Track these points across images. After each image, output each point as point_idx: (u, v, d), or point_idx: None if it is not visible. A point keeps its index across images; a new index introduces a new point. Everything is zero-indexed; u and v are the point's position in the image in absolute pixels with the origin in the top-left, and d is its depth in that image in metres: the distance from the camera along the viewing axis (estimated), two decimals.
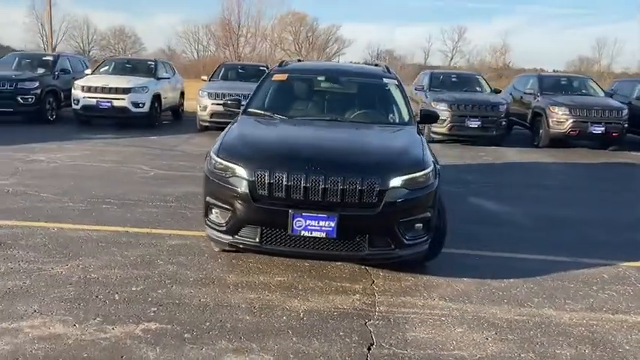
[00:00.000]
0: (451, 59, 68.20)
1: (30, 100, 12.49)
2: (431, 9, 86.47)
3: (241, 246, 3.84)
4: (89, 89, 12.26)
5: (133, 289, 3.76)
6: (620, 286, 4.32)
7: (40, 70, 13.49)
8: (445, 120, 12.03)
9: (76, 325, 3.22)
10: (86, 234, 4.84)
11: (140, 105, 12.38)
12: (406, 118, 4.93)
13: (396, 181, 3.72)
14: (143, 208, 5.76)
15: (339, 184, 3.62)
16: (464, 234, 5.32)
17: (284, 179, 3.64)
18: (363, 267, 4.35)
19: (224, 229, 3.87)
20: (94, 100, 12.22)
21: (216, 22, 61.63)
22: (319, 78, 5.41)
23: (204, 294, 3.73)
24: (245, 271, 4.16)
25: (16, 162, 7.99)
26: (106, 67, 14.34)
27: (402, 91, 5.17)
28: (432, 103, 12.36)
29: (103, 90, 12.20)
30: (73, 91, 12.52)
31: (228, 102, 5.16)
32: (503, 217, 6.31)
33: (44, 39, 61.52)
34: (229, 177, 3.80)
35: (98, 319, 3.31)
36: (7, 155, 8.49)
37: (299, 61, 6.21)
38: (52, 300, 3.52)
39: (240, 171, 3.75)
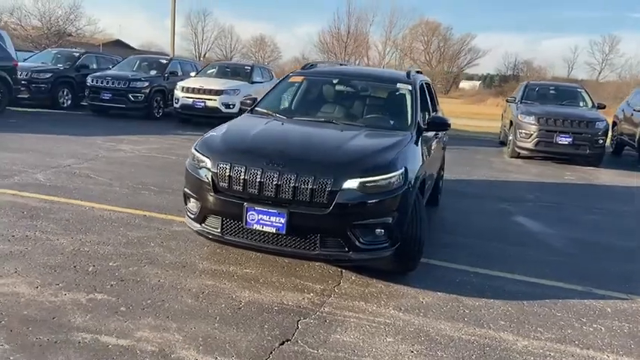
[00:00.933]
0: (599, 73, 63.26)
1: (139, 98, 13.87)
2: (581, 19, 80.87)
3: (207, 235, 4.03)
4: (187, 90, 13.31)
5: (110, 264, 4.12)
6: (617, 322, 3.86)
7: (153, 72, 14.88)
8: (531, 135, 11.32)
9: (39, 287, 3.62)
10: (108, 214, 5.35)
11: (230, 106, 13.11)
12: (407, 123, 4.80)
13: (350, 183, 3.68)
14: (175, 196, 6.19)
15: (292, 182, 3.67)
16: (476, 251, 5.12)
17: (242, 173, 3.77)
18: (338, 269, 4.34)
19: (194, 217, 4.10)
20: (191, 100, 13.26)
21: (350, 33, 62.72)
22: (333, 81, 5.45)
23: (167, 276, 3.98)
24: (221, 261, 4.35)
25: (100, 150, 8.96)
26: (211, 71, 15.43)
27: (414, 97, 5.04)
28: (519, 116, 11.68)
29: (198, 91, 13.18)
30: (175, 91, 13.68)
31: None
32: (535, 238, 5.85)
33: (195, 46, 67.46)
34: (200, 168, 4.02)
35: (60, 285, 3.68)
36: (98, 144, 9.53)
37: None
38: (37, 265, 3.97)
39: (207, 163, 3.95)
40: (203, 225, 4.03)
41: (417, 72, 6.63)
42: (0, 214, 5.07)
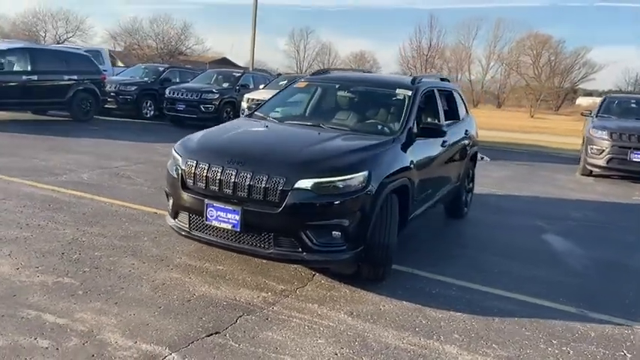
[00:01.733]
0: None
1: (210, 108, 14.60)
2: None
3: (179, 231, 4.17)
4: (252, 101, 13.78)
5: (95, 253, 4.40)
6: (594, 347, 3.50)
7: (225, 85, 15.59)
8: (603, 151, 10.49)
9: (19, 269, 3.95)
10: (123, 210, 5.70)
11: None
12: (394, 128, 4.68)
13: (303, 183, 3.66)
14: None
15: (247, 180, 3.73)
16: (478, 265, 4.89)
17: (205, 170, 3.90)
18: (311, 272, 4.31)
19: (169, 213, 4.28)
20: None
21: (450, 47, 61.65)
22: (335, 86, 5.44)
23: (141, 267, 4.17)
24: (199, 257, 4.47)
25: (155, 155, 9.54)
26: (282, 82, 15.82)
27: (410, 103, 4.91)
28: (591, 131, 10.86)
29: (259, 103, 13.61)
30: (242, 102, 14.23)
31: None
32: (554, 257, 5.43)
33: (297, 63, 69.64)
34: (174, 166, 4.20)
35: (39, 268, 3.99)
36: (155, 149, 10.16)
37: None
38: (30, 250, 4.33)
39: (179, 161, 4.12)
40: (176, 221, 4.20)
41: (442, 79, 6.47)
42: (29, 205, 5.58)
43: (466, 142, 6.22)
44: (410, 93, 5.03)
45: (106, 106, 15.14)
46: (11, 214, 5.23)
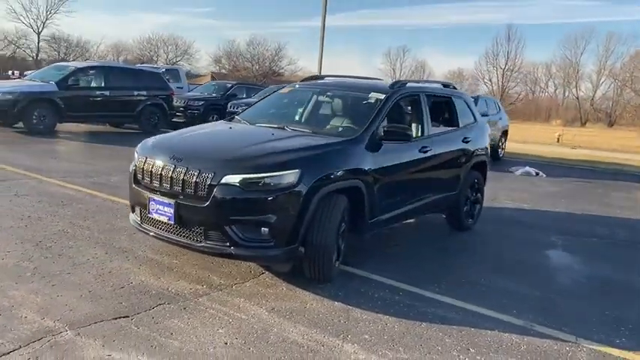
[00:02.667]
0: None
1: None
2: None
3: (135, 225, 4.41)
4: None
5: (69, 243, 4.72)
6: (511, 357, 3.26)
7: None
8: None
9: None
10: (123, 207, 6.05)
11: None
12: (355, 130, 4.64)
13: (230, 178, 3.75)
14: None
15: (182, 174, 3.89)
16: (452, 277, 4.67)
17: (151, 165, 4.11)
18: (262, 270, 4.37)
19: (130, 208, 4.55)
20: None
21: (557, 62, 58.84)
22: (315, 91, 5.48)
23: (99, 257, 4.42)
24: (162, 252, 4.62)
25: None
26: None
27: (380, 106, 4.85)
28: None
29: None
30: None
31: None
32: (548, 273, 5.10)
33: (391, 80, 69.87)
34: (132, 163, 4.46)
35: (10, 252, 4.33)
36: None
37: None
38: (15, 238, 4.70)
39: (135, 158, 4.38)
40: (132, 215, 4.44)
41: (445, 85, 6.32)
42: (44, 200, 6.11)
43: (465, 150, 5.98)
44: (382, 97, 4.98)
45: (175, 119, 16.09)
46: (22, 207, 5.76)
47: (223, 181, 3.76)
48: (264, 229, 3.79)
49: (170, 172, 3.95)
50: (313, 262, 4.02)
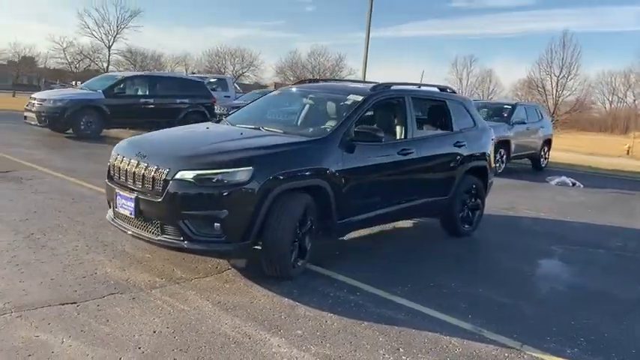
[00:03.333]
0: None
1: None
2: None
3: (110, 221, 4.61)
4: None
5: (58, 236, 4.98)
6: (429, 356, 3.20)
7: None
8: None
9: None
10: None
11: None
12: (324, 131, 4.68)
13: (184, 174, 3.88)
14: None
15: (143, 170, 4.07)
16: (423, 281, 4.57)
17: (120, 162, 4.32)
18: (228, 266, 4.48)
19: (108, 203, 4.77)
20: None
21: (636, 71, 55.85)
22: (300, 93, 5.56)
23: (79, 249, 4.64)
24: (141, 247, 4.74)
25: None
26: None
27: (355, 108, 4.86)
28: None
29: None
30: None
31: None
32: (530, 282, 4.93)
33: (459, 92, 67.89)
34: (109, 160, 4.69)
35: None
36: None
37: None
38: (11, 229, 5.02)
39: (111, 155, 4.61)
40: (109, 211, 4.67)
41: (442, 89, 6.24)
42: (56, 198, 6.49)
43: (458, 154, 5.85)
44: (360, 99, 4.99)
45: None
46: (33, 203, 6.14)
47: (177, 176, 3.89)
48: (217, 225, 3.89)
49: (133, 168, 4.13)
50: (269, 259, 4.08)
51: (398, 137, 5.30)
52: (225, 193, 3.87)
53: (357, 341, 3.35)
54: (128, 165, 4.20)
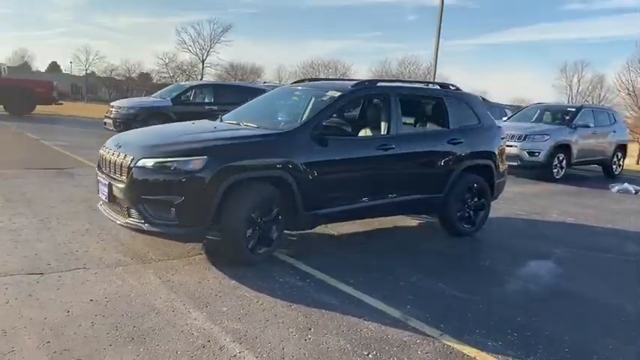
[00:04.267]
0: None
1: None
2: None
3: (99, 206, 5.07)
4: None
5: (68, 223, 5.49)
6: (345, 341, 3.27)
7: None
8: None
9: (5, 221, 5.34)
10: None
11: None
12: (292, 124, 4.85)
13: (145, 162, 4.22)
14: None
15: (116, 157, 4.48)
16: (381, 272, 4.60)
17: (105, 152, 4.77)
18: (200, 252, 4.76)
19: None
20: None
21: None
22: (291, 91, 5.75)
23: (77, 230, 5.12)
24: (135, 233, 5.23)
25: None
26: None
27: (330, 103, 5.00)
28: None
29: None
30: None
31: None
32: (501, 279, 4.76)
33: (569, 99, 63.45)
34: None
35: (13, 220, 5.32)
36: None
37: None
38: (31, 214, 5.64)
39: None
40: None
41: (442, 86, 6.20)
42: (92, 190, 7.16)
43: (452, 151, 5.75)
44: (337, 95, 5.11)
45: None
46: (67, 194, 6.77)
47: (139, 163, 4.25)
48: (172, 209, 4.19)
49: (110, 157, 4.55)
50: (223, 244, 4.31)
51: (382, 133, 5.34)
52: (180, 180, 4.16)
53: (274, 320, 3.48)
54: (108, 154, 4.62)
